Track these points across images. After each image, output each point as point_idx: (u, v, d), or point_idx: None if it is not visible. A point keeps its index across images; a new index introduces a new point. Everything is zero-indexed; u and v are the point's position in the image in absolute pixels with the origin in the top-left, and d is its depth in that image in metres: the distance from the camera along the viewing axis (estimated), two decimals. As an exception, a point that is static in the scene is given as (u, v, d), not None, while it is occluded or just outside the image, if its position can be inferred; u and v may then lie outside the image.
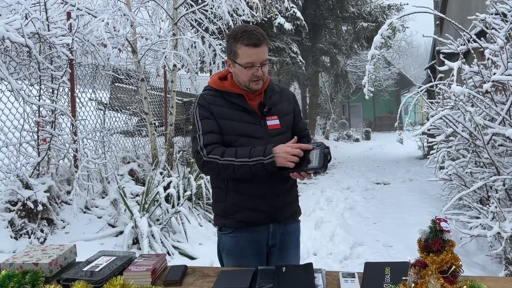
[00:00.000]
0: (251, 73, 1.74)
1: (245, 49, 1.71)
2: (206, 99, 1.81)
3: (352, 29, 13.68)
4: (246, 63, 1.72)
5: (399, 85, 28.37)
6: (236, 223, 1.82)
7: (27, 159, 4.25)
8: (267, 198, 1.80)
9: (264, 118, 1.81)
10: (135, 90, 6.65)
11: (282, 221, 1.86)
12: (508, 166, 3.91)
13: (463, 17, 7.97)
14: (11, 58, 4.12)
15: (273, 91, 1.89)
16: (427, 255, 1.13)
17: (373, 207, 6.85)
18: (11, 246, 3.60)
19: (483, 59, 4.16)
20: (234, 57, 1.76)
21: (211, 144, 1.74)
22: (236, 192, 1.80)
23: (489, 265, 3.90)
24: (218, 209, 1.87)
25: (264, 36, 1.75)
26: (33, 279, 1.42)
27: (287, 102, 1.91)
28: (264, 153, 1.68)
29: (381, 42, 4.23)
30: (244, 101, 1.80)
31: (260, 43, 1.71)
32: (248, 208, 1.80)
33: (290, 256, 1.89)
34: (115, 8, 5.29)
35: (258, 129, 1.78)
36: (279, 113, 1.84)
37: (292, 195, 1.91)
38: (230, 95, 1.80)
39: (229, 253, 1.85)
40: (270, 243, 1.85)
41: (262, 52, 1.73)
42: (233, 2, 6.26)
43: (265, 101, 1.82)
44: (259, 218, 1.81)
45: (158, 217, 4.52)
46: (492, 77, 3.68)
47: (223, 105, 1.79)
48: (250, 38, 1.70)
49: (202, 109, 1.79)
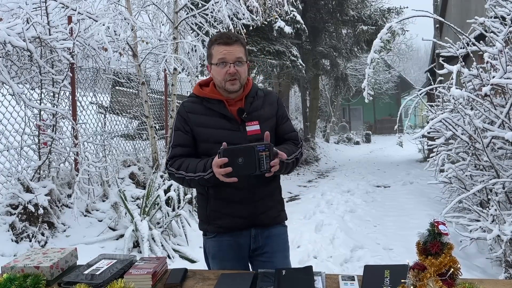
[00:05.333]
0: (225, 71, 1.74)
1: (216, 47, 1.76)
2: (185, 106, 1.85)
3: (352, 33, 13.70)
4: (218, 60, 1.75)
5: (399, 88, 28.40)
6: (218, 228, 1.85)
7: (28, 162, 4.26)
8: (247, 203, 1.81)
9: (243, 124, 1.79)
10: (135, 93, 6.67)
11: (265, 226, 1.87)
12: (508, 169, 3.91)
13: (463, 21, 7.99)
14: (12, 62, 4.14)
15: (256, 96, 1.87)
16: (426, 258, 1.13)
17: (373, 210, 6.84)
18: (12, 249, 3.60)
19: (482, 63, 4.18)
20: (210, 60, 1.80)
21: (174, 157, 1.82)
22: (215, 199, 1.82)
23: (489, 268, 3.90)
24: (201, 214, 1.91)
25: (238, 38, 1.79)
26: (34, 282, 1.43)
27: (270, 106, 1.89)
28: (205, 168, 1.71)
29: (381, 45, 4.24)
30: (223, 107, 1.80)
31: (231, 41, 1.75)
32: (228, 214, 1.82)
33: (277, 259, 1.87)
34: (116, 12, 5.32)
35: (236, 136, 1.77)
36: (259, 118, 1.82)
37: (273, 199, 1.90)
38: (209, 101, 1.81)
39: (214, 256, 1.89)
40: (253, 246, 1.87)
41: (234, 50, 1.75)
42: (233, 6, 6.28)
43: (246, 106, 1.81)
44: (240, 223, 1.83)
45: (159, 220, 4.52)
46: (491, 80, 3.69)
47: (202, 112, 1.81)
48: (221, 37, 1.76)
49: (179, 119, 1.84)
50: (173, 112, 6.20)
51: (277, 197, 1.93)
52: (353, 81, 20.56)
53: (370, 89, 4.40)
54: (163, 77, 7.18)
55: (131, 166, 5.98)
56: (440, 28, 10.90)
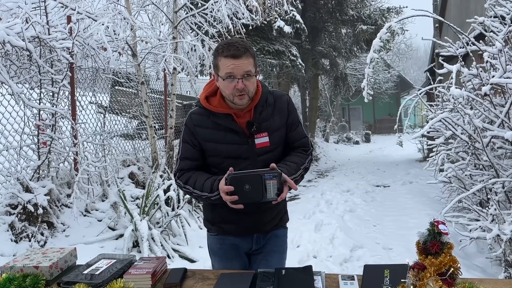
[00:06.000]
0: (233, 86, 1.65)
1: (224, 60, 1.65)
2: (193, 119, 1.79)
3: (351, 32, 13.70)
4: (225, 74, 1.65)
5: (399, 88, 28.39)
6: (221, 230, 1.89)
7: (28, 162, 4.26)
8: (253, 214, 1.82)
9: (252, 136, 1.75)
10: (135, 93, 6.66)
11: (267, 231, 1.89)
12: (507, 168, 3.91)
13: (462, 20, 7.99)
14: (11, 62, 4.13)
15: (265, 105, 1.79)
16: (426, 258, 1.13)
17: (373, 210, 6.84)
18: (11, 249, 3.60)
19: (482, 62, 4.18)
20: (217, 71, 1.71)
21: (182, 170, 1.82)
22: (222, 207, 1.78)
23: (488, 267, 3.90)
24: (207, 215, 1.94)
25: (246, 48, 1.66)
26: (33, 282, 1.43)
27: (279, 115, 1.81)
28: (211, 189, 1.70)
29: (380, 45, 4.24)
30: (231, 122, 1.74)
31: (240, 54, 1.63)
32: (233, 222, 1.84)
33: (273, 260, 1.87)
34: (115, 12, 5.31)
35: (245, 149, 1.74)
36: (269, 129, 1.77)
37: (278, 208, 1.90)
38: (216, 116, 1.75)
39: (215, 253, 1.93)
40: (254, 247, 1.90)
41: (242, 63, 1.64)
42: (233, 6, 6.28)
43: (255, 118, 1.75)
44: (244, 230, 1.86)
45: (158, 220, 4.52)
46: (490, 80, 3.69)
47: (209, 126, 1.76)
48: (229, 50, 1.64)
49: (187, 132, 1.81)
50: (173, 112, 6.19)
51: (281, 205, 1.92)
52: (352, 80, 20.57)
53: (369, 89, 4.40)
54: (163, 76, 7.18)
55: (131, 166, 5.98)
56: (440, 27, 10.91)
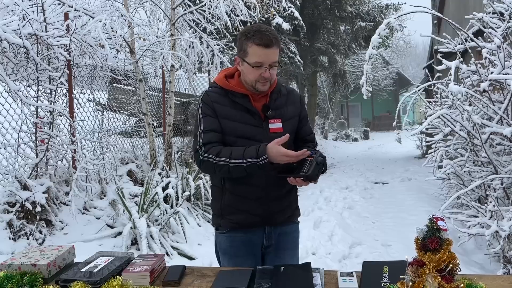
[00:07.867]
0: (259, 74, 1.71)
1: (255, 48, 1.68)
2: (210, 96, 1.78)
3: (350, 29, 13.68)
4: (254, 63, 1.69)
5: (398, 85, 28.41)
6: (231, 223, 1.82)
7: (25, 160, 4.25)
8: (263, 201, 1.79)
9: (267, 120, 1.77)
10: (133, 90, 6.64)
11: (278, 224, 1.86)
12: (506, 164, 3.92)
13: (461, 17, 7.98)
14: (8, 59, 4.11)
15: (280, 93, 1.84)
16: (425, 254, 1.13)
17: (371, 207, 6.85)
18: (9, 247, 3.59)
19: (481, 58, 4.17)
20: (243, 55, 1.73)
21: (209, 143, 1.73)
22: (231, 194, 1.79)
23: (487, 263, 3.91)
24: (215, 208, 1.88)
25: (276, 38, 1.71)
26: (31, 280, 1.42)
27: (293, 106, 1.87)
28: (258, 154, 1.65)
29: (379, 42, 4.24)
30: (248, 102, 1.76)
31: (272, 44, 1.69)
32: (243, 211, 1.80)
33: (286, 257, 1.86)
34: (113, 9, 5.29)
35: (259, 132, 1.75)
36: (282, 116, 1.81)
37: (289, 199, 1.88)
38: (235, 95, 1.77)
39: (225, 252, 1.86)
40: (266, 244, 1.85)
41: (272, 53, 1.70)
42: (231, 2, 6.26)
43: (270, 103, 1.79)
44: (254, 221, 1.81)
45: (157, 218, 4.51)
46: (489, 76, 3.69)
47: (227, 104, 1.77)
48: (261, 38, 1.68)
49: (205, 106, 1.77)
50: (171, 109, 6.18)
51: (293, 196, 1.91)
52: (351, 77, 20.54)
53: (368, 86, 4.39)
54: (161, 74, 7.16)
55: (129, 164, 5.97)
56: (438, 24, 10.91)
